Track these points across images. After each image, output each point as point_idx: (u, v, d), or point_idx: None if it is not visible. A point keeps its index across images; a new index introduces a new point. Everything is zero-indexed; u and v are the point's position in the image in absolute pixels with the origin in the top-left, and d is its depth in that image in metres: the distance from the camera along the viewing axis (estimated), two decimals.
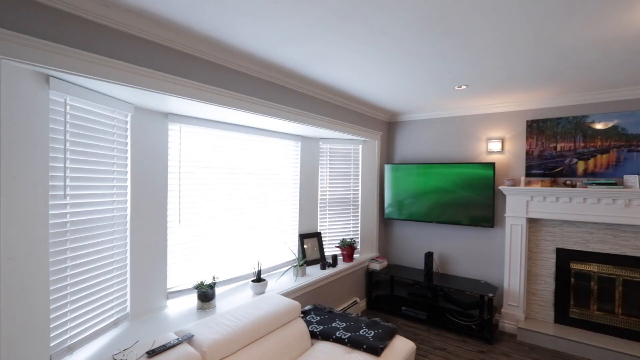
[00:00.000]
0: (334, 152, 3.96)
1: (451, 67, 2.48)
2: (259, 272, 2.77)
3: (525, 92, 3.16)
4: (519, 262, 3.42)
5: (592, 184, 3.04)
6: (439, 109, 3.93)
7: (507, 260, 3.48)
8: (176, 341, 1.70)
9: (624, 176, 2.98)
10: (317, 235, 3.74)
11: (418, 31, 1.89)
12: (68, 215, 1.75)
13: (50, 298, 1.63)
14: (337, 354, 2.10)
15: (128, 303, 2.17)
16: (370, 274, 4.01)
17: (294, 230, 3.57)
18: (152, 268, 2.29)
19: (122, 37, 1.76)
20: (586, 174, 3.21)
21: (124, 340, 1.90)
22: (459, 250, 3.91)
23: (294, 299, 2.96)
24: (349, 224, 4.08)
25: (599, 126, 3.13)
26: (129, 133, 2.17)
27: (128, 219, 2.16)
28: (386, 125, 4.44)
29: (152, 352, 1.60)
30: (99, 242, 1.94)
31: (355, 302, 3.77)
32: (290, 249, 3.46)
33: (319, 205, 3.82)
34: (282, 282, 3.05)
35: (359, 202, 4.16)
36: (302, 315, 2.55)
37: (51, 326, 1.63)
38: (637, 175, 2.91)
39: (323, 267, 3.45)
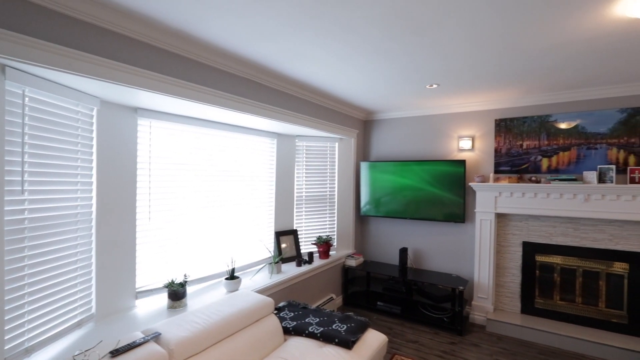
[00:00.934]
0: (311, 150, 3.97)
1: (421, 66, 2.54)
2: (233, 270, 2.74)
3: (494, 92, 3.28)
4: (488, 256, 3.55)
5: (554, 180, 3.20)
6: (413, 108, 4.02)
7: (477, 254, 3.61)
8: (142, 340, 1.66)
9: (584, 172, 3.15)
10: (294, 233, 3.74)
11: (386, 28, 1.93)
12: (26, 211, 1.67)
13: (5, 298, 1.55)
14: (309, 348, 2.11)
15: (93, 303, 2.10)
16: (346, 271, 4.05)
17: (269, 228, 3.56)
18: (119, 267, 2.22)
19: (86, 28, 1.71)
20: (550, 170, 3.37)
21: (87, 341, 1.84)
22: (432, 246, 4.02)
23: (268, 295, 2.95)
24: (326, 221, 4.11)
25: (562, 125, 3.30)
26: (94, 127, 2.10)
27: (93, 215, 2.09)
28: (362, 124, 4.49)
29: (115, 352, 1.55)
30: (62, 239, 1.87)
31: (331, 299, 3.80)
32: (265, 247, 3.45)
33: (295, 202, 3.82)
34: (257, 279, 3.03)
35: (335, 200, 4.19)
36: (275, 311, 2.55)
37: (6, 328, 1.55)
38: (595, 172, 3.08)
39: (299, 264, 3.46)
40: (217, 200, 2.95)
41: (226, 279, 2.71)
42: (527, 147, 3.47)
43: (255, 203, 3.35)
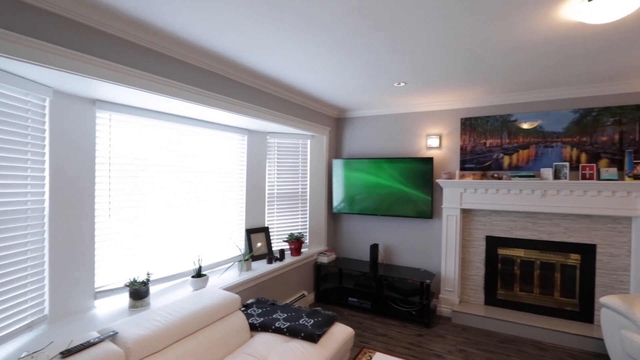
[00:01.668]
0: (282, 147, 3.96)
1: (387, 63, 2.59)
2: (199, 268, 2.68)
3: (459, 92, 3.39)
4: (454, 250, 3.68)
5: (515, 176, 3.36)
6: (383, 106, 4.09)
7: (443, 249, 3.73)
8: (97, 339, 1.60)
9: (541, 169, 3.32)
10: (265, 230, 3.71)
11: (349, 25, 1.96)
12: None
13: None
14: (275, 343, 2.10)
15: (46, 304, 1.99)
16: (318, 267, 4.07)
17: (240, 225, 3.51)
18: (76, 265, 2.12)
19: (35, 14, 1.62)
20: (511, 167, 3.53)
21: (38, 344, 1.75)
22: (402, 241, 4.11)
23: (237, 293, 2.91)
24: (298, 218, 4.10)
25: (525, 125, 3.46)
26: (47, 119, 1.99)
27: (46, 212, 1.98)
28: (334, 121, 4.52)
29: (67, 352, 1.48)
30: (9, 236, 1.76)
31: (302, 295, 3.80)
32: (235, 245, 3.40)
33: (266, 199, 3.80)
34: (226, 277, 2.99)
35: (308, 197, 4.20)
36: (243, 308, 2.52)
37: None
38: (550, 169, 3.26)
39: (269, 262, 3.43)
40: (184, 197, 2.88)
41: (192, 277, 2.65)
42: (490, 145, 3.62)
43: (224, 200, 3.30)
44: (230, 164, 3.36)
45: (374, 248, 3.99)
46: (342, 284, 4.12)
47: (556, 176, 3.25)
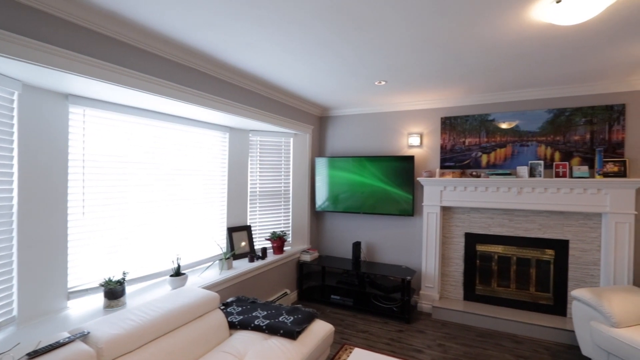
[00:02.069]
0: (265, 145, 3.94)
1: (367, 62, 2.61)
2: (178, 267, 2.64)
3: (439, 91, 3.45)
4: (435, 247, 3.74)
5: (492, 174, 3.44)
6: (366, 105, 4.13)
7: (424, 246, 3.79)
8: (67, 340, 1.56)
9: (517, 167, 3.42)
10: (247, 229, 3.68)
11: (328, 22, 1.96)
12: None
13: None
14: (254, 341, 2.09)
15: (15, 305, 1.92)
16: (301, 266, 4.07)
17: (221, 224, 3.47)
18: (47, 265, 2.05)
19: (2, 3, 1.56)
20: (488, 165, 3.62)
21: (4, 345, 1.68)
22: (384, 239, 4.15)
23: (218, 292, 2.89)
24: (280, 216, 4.09)
25: (504, 125, 3.54)
26: (15, 113, 1.92)
27: (15, 209, 1.91)
28: (318, 120, 4.53)
29: (34, 353, 1.44)
30: None
31: (285, 294, 3.79)
32: (217, 243, 3.37)
33: (248, 198, 3.77)
34: (206, 276, 2.95)
35: (290, 195, 4.19)
36: (222, 307, 2.50)
37: None
38: (526, 167, 3.35)
39: (251, 260, 3.41)
40: (163, 195, 2.83)
41: (171, 276, 2.61)
42: (469, 144, 3.70)
43: (205, 198, 3.26)
44: (211, 161, 3.32)
45: (357, 246, 4.02)
46: (325, 282, 4.13)
47: (531, 174, 3.35)
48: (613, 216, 3.04)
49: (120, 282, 2.25)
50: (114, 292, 2.20)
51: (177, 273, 2.64)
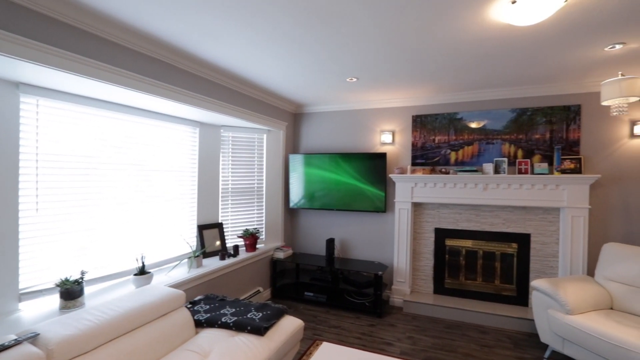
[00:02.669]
0: (237, 141, 3.87)
1: (336, 58, 2.62)
2: (142, 265, 2.55)
3: (410, 89, 3.52)
4: (406, 243, 3.82)
5: (460, 171, 3.55)
6: (339, 102, 4.15)
7: (396, 241, 3.86)
8: (13, 342, 1.46)
9: (483, 164, 3.55)
10: (219, 226, 3.61)
11: (294, 15, 1.95)
12: None
13: None
14: (220, 338, 2.05)
15: None
16: (274, 263, 4.04)
17: (191, 222, 3.39)
18: None
19: None
20: (457, 163, 3.73)
21: None
22: (357, 235, 4.19)
23: (186, 290, 2.81)
24: (253, 213, 4.04)
25: (473, 125, 3.65)
26: None
27: None
28: (292, 116, 4.51)
29: None
30: None
31: (258, 292, 3.75)
32: (186, 241, 3.28)
33: (220, 195, 3.70)
34: (174, 274, 2.87)
35: (264, 192, 4.15)
36: (190, 305, 2.44)
37: None
38: (491, 164, 3.48)
39: (222, 258, 3.35)
40: (128, 191, 2.72)
41: (135, 275, 2.51)
42: (438, 141, 3.80)
43: (174, 195, 3.16)
44: (180, 157, 3.23)
45: (330, 242, 4.04)
46: (299, 279, 4.13)
47: (496, 171, 3.48)
48: (570, 210, 3.21)
49: (78, 282, 2.14)
50: (70, 292, 2.09)
51: (142, 272, 2.55)
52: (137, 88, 2.29)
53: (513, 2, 1.69)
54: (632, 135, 3.13)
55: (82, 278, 2.18)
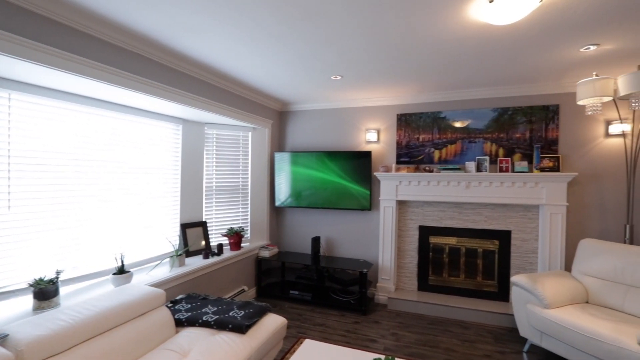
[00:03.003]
0: (222, 138, 3.83)
1: (319, 55, 2.62)
2: (122, 264, 2.50)
3: (394, 88, 3.55)
4: (391, 240, 3.85)
5: (443, 169, 3.60)
6: (325, 100, 4.15)
7: (381, 239, 3.88)
8: None
9: (466, 162, 3.60)
10: (202, 225, 3.57)
11: (274, 11, 1.94)
12: None
13: None
14: (201, 337, 2.03)
15: None
16: (260, 262, 4.01)
17: (174, 220, 3.33)
18: None
19: None
20: (440, 161, 3.78)
21: None
22: (343, 233, 4.20)
23: (168, 289, 2.77)
24: (238, 212, 4.01)
25: (457, 124, 3.70)
26: None
27: None
28: (278, 114, 4.49)
29: None
30: None
31: (242, 291, 3.72)
32: (168, 240, 3.22)
33: (204, 193, 3.65)
34: (155, 274, 2.82)
35: (249, 190, 4.12)
36: (170, 304, 2.40)
37: None
38: (474, 162, 3.54)
39: (206, 257, 3.31)
40: (108, 189, 2.66)
41: (114, 274, 2.46)
42: (422, 140, 3.84)
43: (156, 193, 3.11)
44: (162, 154, 3.17)
45: (316, 241, 4.04)
46: (284, 278, 4.11)
47: (478, 169, 3.54)
48: (548, 207, 3.29)
49: (53, 282, 2.08)
50: (45, 292, 2.03)
51: (121, 271, 2.49)
52: (116, 83, 2.24)
53: (490, 1, 1.72)
54: (607, 135, 3.23)
55: (57, 278, 2.12)
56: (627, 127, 3.12)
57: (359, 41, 2.35)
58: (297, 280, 3.92)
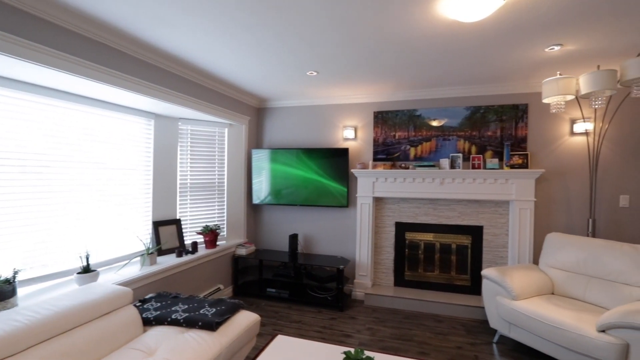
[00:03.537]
0: (196, 134, 3.75)
1: (293, 49, 2.60)
2: (87, 263, 2.40)
3: (371, 86, 3.58)
4: (368, 237, 3.88)
5: (419, 166, 3.66)
6: (303, 97, 4.14)
7: (358, 236, 3.91)
8: None
9: (440, 160, 3.67)
10: (176, 222, 3.48)
11: (244, 1, 1.91)
12: None
13: None
14: (169, 335, 1.97)
15: None
16: (236, 260, 3.96)
17: (146, 218, 3.24)
18: None
19: None
20: (416, 158, 3.84)
21: None
22: (321, 230, 4.20)
23: (138, 288, 2.68)
24: (214, 209, 3.94)
25: (434, 123, 3.77)
26: None
27: None
28: (255, 111, 4.44)
29: None
30: None
31: (218, 289, 3.66)
32: (139, 238, 3.13)
33: (178, 190, 3.56)
34: (124, 272, 2.72)
35: (225, 187, 4.06)
36: (139, 303, 2.33)
37: None
38: (448, 159, 3.62)
39: (179, 255, 3.23)
40: (75, 185, 2.54)
41: (78, 273, 2.36)
42: (399, 137, 3.89)
43: (127, 190, 3.01)
44: (133, 150, 3.07)
45: (293, 238, 4.02)
46: (262, 276, 4.07)
47: (452, 166, 3.62)
48: (518, 203, 3.40)
49: (10, 282, 1.97)
50: (0, 292, 1.92)
51: (86, 270, 2.40)
52: (78, 72, 2.15)
53: None
54: (572, 133, 3.38)
55: (14, 277, 2.01)
56: (589, 126, 3.27)
57: (331, 36, 2.35)
58: (274, 278, 3.89)
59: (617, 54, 2.60)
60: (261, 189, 4.20)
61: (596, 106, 2.49)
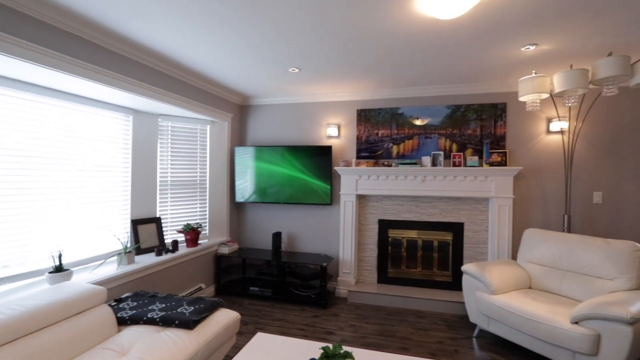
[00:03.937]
0: (177, 131, 3.68)
1: (273, 45, 2.58)
2: (60, 262, 2.32)
3: (354, 83, 3.59)
4: (351, 234, 3.89)
5: (401, 164, 3.69)
6: (286, 95, 4.12)
7: (341, 233, 3.91)
8: None
9: (422, 157, 3.71)
10: (156, 221, 3.41)
11: None
12: None
13: None
14: (144, 335, 1.93)
15: None
16: (219, 259, 3.91)
17: (124, 216, 3.15)
18: None
19: None
20: (398, 156, 3.87)
21: None
22: (304, 228, 4.19)
23: (114, 287, 2.61)
24: (196, 207, 3.88)
25: (417, 122, 3.80)
26: None
27: None
28: (238, 108, 4.39)
29: None
30: None
31: (200, 289, 3.60)
32: (117, 237, 3.05)
33: (158, 188, 3.49)
34: (100, 272, 2.65)
35: (207, 185, 4.00)
36: (114, 303, 2.26)
37: None
38: (429, 157, 3.66)
39: (159, 254, 3.16)
40: (49, 183, 2.45)
41: (50, 272, 2.28)
42: (382, 135, 3.92)
43: (104, 187, 2.92)
44: (111, 146, 2.99)
45: (277, 236, 3.99)
46: (245, 275, 4.03)
47: (433, 164, 3.67)
48: (497, 200, 3.47)
49: None
50: None
51: (59, 269, 2.32)
52: (49, 64, 2.07)
53: None
54: (548, 132, 3.47)
55: None
56: (564, 125, 3.36)
57: (310, 32, 2.34)
58: (257, 277, 3.85)
59: (589, 54, 2.68)
60: (244, 187, 4.16)
61: (569, 104, 2.57)
